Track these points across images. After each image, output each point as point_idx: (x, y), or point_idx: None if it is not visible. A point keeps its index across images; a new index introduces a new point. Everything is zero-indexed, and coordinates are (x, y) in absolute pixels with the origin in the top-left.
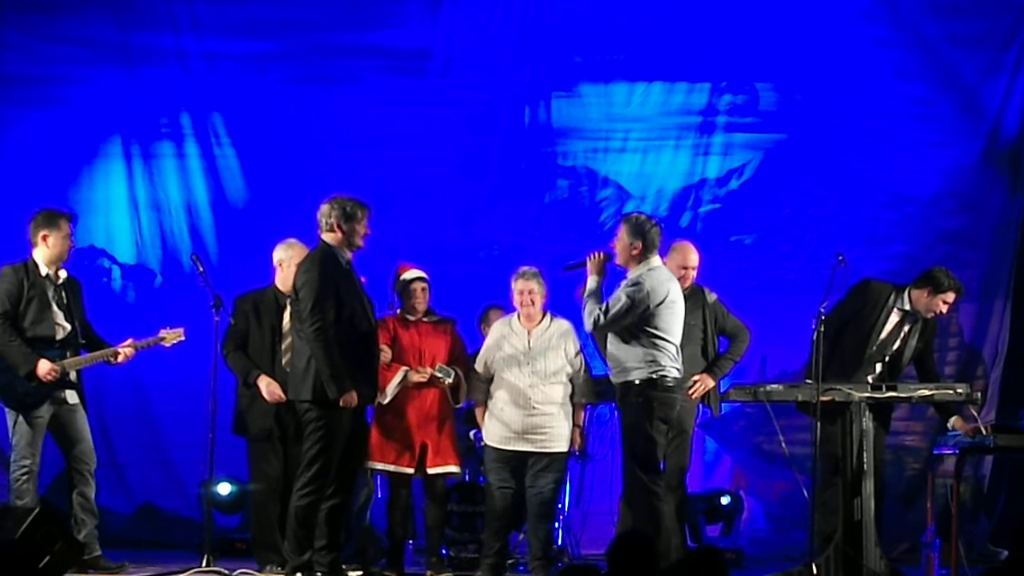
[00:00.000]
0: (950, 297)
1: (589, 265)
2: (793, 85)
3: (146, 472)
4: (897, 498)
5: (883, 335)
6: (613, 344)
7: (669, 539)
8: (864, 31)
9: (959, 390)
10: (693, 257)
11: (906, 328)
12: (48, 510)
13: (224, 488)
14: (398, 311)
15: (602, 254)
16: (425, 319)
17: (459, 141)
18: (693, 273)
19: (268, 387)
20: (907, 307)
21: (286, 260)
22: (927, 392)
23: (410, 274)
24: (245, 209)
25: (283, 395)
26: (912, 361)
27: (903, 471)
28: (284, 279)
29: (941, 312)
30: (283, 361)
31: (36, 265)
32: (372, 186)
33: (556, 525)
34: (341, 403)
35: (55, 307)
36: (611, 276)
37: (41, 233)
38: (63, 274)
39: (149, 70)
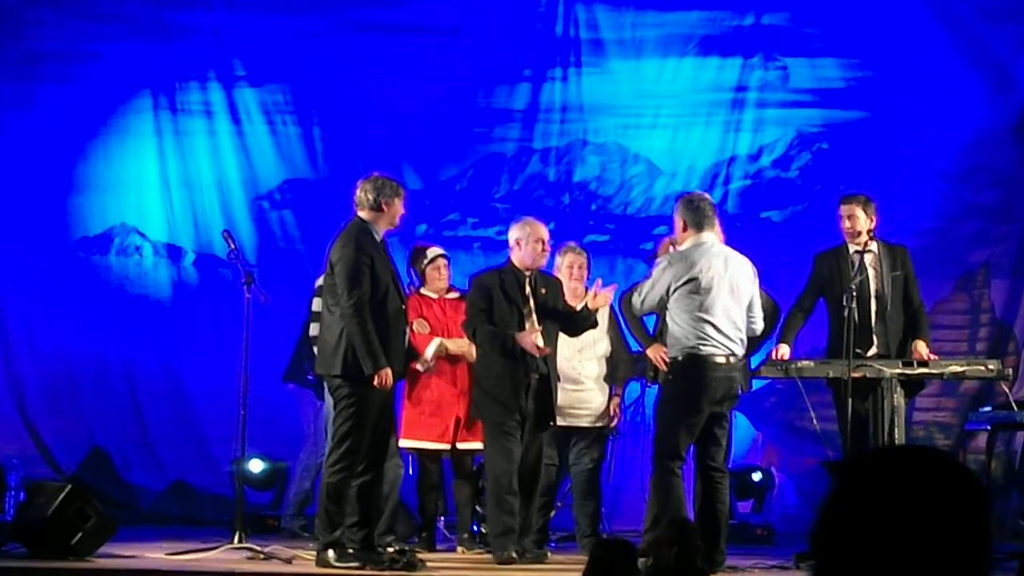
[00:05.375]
0: (841, 209)
1: (660, 252)
2: (823, 61)
3: (178, 449)
4: None
5: (855, 291)
6: (668, 320)
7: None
8: (894, 6)
9: (990, 366)
10: None
11: (867, 264)
12: (80, 487)
13: (256, 465)
14: (418, 290)
15: (670, 239)
16: (447, 296)
17: (490, 117)
18: None
19: (532, 342)
20: (853, 248)
21: (523, 238)
22: (959, 368)
23: (434, 251)
24: (277, 187)
25: (543, 347)
26: (903, 300)
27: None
28: (521, 257)
29: (847, 227)
30: None
31: None
32: (401, 161)
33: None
34: (376, 380)
35: None
36: None
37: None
38: None
39: (181, 46)
